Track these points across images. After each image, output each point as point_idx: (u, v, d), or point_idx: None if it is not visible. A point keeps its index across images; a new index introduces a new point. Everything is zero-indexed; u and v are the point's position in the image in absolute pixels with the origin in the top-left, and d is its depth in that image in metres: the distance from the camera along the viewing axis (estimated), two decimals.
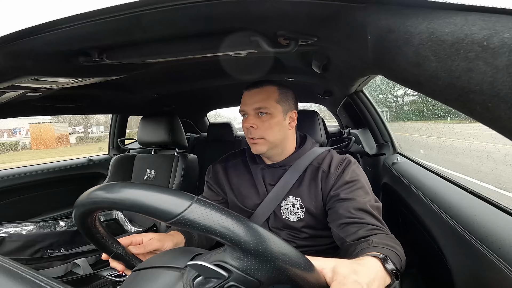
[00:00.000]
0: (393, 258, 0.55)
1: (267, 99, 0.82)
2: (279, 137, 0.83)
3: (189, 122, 2.60)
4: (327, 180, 0.80)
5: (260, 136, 0.82)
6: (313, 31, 0.59)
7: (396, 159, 1.30)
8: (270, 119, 0.81)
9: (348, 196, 0.75)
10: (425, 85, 0.33)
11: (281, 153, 0.87)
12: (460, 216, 0.70)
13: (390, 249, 0.59)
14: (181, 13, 0.49)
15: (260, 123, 0.82)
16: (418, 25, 0.30)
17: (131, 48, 0.70)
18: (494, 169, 1.47)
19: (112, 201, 0.37)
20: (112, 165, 1.71)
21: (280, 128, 0.83)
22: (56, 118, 12.53)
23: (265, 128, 0.81)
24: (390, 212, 1.30)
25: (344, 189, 0.77)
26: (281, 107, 0.83)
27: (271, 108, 0.81)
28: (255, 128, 0.82)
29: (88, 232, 0.47)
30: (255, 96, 0.83)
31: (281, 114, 0.83)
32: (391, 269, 0.50)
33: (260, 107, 0.81)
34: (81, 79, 0.87)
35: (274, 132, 0.82)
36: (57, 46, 0.62)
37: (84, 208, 0.41)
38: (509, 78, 0.21)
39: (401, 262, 0.59)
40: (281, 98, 0.83)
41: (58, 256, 0.97)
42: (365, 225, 0.68)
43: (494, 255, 0.54)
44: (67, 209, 1.80)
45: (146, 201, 0.34)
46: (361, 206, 0.72)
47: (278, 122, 0.82)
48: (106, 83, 1.05)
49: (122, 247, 0.54)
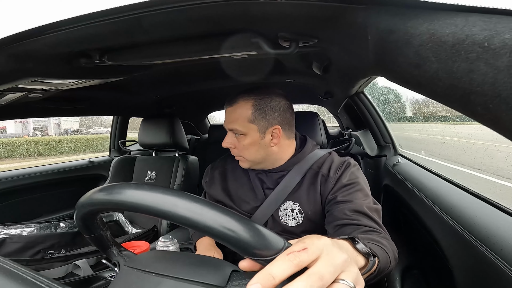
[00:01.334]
0: (374, 249, 0.53)
1: (239, 119, 0.78)
2: (258, 156, 0.80)
3: (190, 124, 2.60)
4: (326, 184, 0.79)
5: (238, 155, 0.82)
6: (314, 33, 0.59)
7: (397, 161, 1.30)
8: (244, 140, 0.78)
9: (346, 199, 0.73)
10: (426, 87, 0.33)
11: (273, 163, 0.84)
12: (462, 218, 0.70)
13: (373, 243, 0.58)
14: (182, 14, 0.50)
15: (236, 143, 0.81)
16: (418, 26, 0.30)
17: (132, 50, 0.70)
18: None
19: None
20: (113, 166, 1.71)
21: (259, 148, 0.79)
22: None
23: (241, 148, 0.80)
24: (391, 213, 1.30)
25: (342, 191, 0.75)
26: (256, 126, 0.77)
27: (243, 130, 0.77)
28: (232, 147, 0.82)
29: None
30: (229, 115, 0.80)
31: (256, 134, 0.78)
32: (363, 249, 0.45)
33: (231, 128, 0.80)
34: (82, 80, 0.87)
35: (251, 152, 0.80)
36: (58, 47, 0.62)
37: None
38: (510, 79, 0.21)
39: (387, 258, 0.57)
40: (256, 116, 0.77)
41: (58, 258, 0.97)
42: (361, 226, 0.67)
43: (496, 256, 0.54)
44: (67, 211, 1.80)
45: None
46: (358, 208, 0.70)
47: (253, 142, 0.78)
48: (107, 84, 1.05)
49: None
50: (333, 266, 0.31)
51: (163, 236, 0.83)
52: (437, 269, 0.82)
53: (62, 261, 0.96)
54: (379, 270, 0.53)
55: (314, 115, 1.31)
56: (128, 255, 0.52)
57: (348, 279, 0.31)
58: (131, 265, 0.43)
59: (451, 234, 0.71)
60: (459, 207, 0.74)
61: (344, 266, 0.32)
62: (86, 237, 0.47)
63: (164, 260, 0.43)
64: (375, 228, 0.68)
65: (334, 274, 0.31)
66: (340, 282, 0.31)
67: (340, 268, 0.32)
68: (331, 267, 0.31)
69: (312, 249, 0.31)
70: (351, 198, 0.73)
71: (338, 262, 0.32)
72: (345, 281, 0.31)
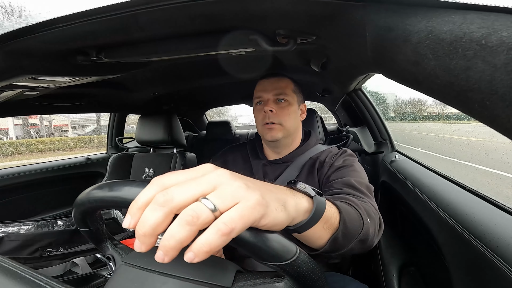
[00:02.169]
0: (339, 205, 0.51)
1: (286, 88, 0.85)
2: (294, 125, 0.86)
3: (187, 121, 2.60)
4: (322, 169, 0.82)
5: (278, 122, 0.83)
6: (312, 30, 0.59)
7: (394, 157, 1.30)
8: (288, 106, 0.84)
9: (337, 177, 0.75)
10: (424, 84, 0.33)
11: (290, 144, 0.89)
12: (458, 214, 0.70)
13: (341, 200, 0.56)
14: (180, 11, 0.49)
15: (278, 109, 0.84)
16: (417, 24, 0.30)
17: (129, 47, 0.70)
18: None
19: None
20: (110, 164, 1.71)
21: (295, 117, 0.86)
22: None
23: (283, 114, 0.83)
24: (389, 210, 1.30)
25: (335, 172, 0.78)
26: (297, 97, 0.87)
27: (289, 96, 0.85)
28: (274, 112, 0.83)
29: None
30: (275, 83, 0.86)
31: (296, 104, 0.87)
32: (301, 186, 0.40)
33: (280, 93, 0.84)
34: (79, 78, 0.86)
35: (291, 119, 0.85)
36: (55, 45, 0.62)
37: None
38: (507, 77, 0.21)
39: (358, 216, 0.54)
40: (297, 89, 0.88)
41: (56, 255, 0.97)
42: (343, 195, 0.65)
43: (492, 254, 0.54)
44: (65, 208, 1.79)
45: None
46: (345, 181, 0.71)
47: (294, 110, 0.86)
48: (104, 81, 1.04)
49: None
50: (194, 180, 0.26)
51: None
52: (434, 266, 0.83)
53: (60, 259, 0.96)
54: (346, 226, 0.49)
55: (312, 112, 1.31)
56: (124, 248, 0.51)
57: (210, 197, 0.25)
58: (131, 261, 0.41)
59: (448, 231, 0.71)
60: (456, 204, 0.75)
61: (216, 181, 0.26)
62: (80, 230, 0.46)
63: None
64: (356, 195, 0.66)
65: (192, 188, 0.25)
66: (200, 200, 0.25)
67: (206, 183, 0.26)
68: (190, 181, 0.26)
69: (185, 171, 0.28)
70: (342, 175, 0.75)
71: (205, 177, 0.26)
72: (205, 199, 0.25)
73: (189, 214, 0.24)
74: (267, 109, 0.82)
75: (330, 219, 0.46)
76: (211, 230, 0.24)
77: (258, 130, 0.88)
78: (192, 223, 0.24)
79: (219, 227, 0.24)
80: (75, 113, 1.62)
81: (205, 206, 0.24)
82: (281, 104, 0.84)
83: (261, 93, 0.86)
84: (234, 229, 0.25)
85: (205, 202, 0.25)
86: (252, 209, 0.26)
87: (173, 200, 0.24)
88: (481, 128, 0.71)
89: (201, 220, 0.24)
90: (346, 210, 0.52)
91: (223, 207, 0.25)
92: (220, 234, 0.24)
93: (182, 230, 0.24)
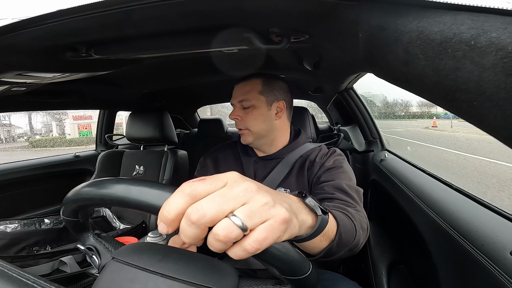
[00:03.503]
0: (337, 215, 0.54)
1: (250, 91, 0.85)
2: (263, 127, 0.85)
3: (179, 118, 2.57)
4: (312, 168, 0.83)
5: (244, 127, 0.85)
6: (305, 28, 0.59)
7: (384, 156, 1.32)
8: (252, 110, 0.84)
9: (327, 179, 0.77)
10: (414, 84, 0.33)
11: (271, 144, 0.89)
12: (445, 213, 0.71)
13: (338, 210, 0.59)
14: (173, 8, 0.49)
15: (244, 115, 0.85)
16: (408, 24, 0.30)
17: (121, 44, 0.68)
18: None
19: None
20: (99, 161, 1.68)
21: (265, 119, 0.85)
22: None
23: (248, 119, 0.84)
24: (379, 208, 1.32)
25: (325, 173, 0.79)
26: (265, 98, 0.85)
27: (253, 100, 0.84)
28: (239, 119, 0.86)
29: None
30: (240, 89, 0.87)
31: (264, 105, 0.85)
32: (310, 202, 0.41)
33: (242, 99, 0.85)
34: (68, 74, 0.84)
35: (258, 123, 0.85)
36: (43, 41, 0.60)
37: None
38: (495, 77, 0.21)
39: (352, 227, 0.58)
40: (265, 89, 0.85)
41: (44, 254, 0.95)
42: (335, 200, 0.69)
43: (478, 252, 0.55)
44: (52, 207, 1.76)
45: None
46: (337, 184, 0.73)
47: (261, 113, 0.85)
48: (94, 78, 1.02)
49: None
50: (223, 196, 0.26)
51: (152, 231, 0.82)
52: (422, 264, 0.84)
53: (47, 257, 0.95)
54: (341, 237, 0.52)
55: (303, 110, 1.32)
56: (107, 239, 0.48)
57: (239, 214, 0.26)
58: (124, 259, 0.38)
59: (435, 229, 0.72)
60: (443, 202, 0.76)
61: (245, 197, 0.27)
62: (65, 218, 0.43)
63: (165, 257, 0.38)
64: (349, 201, 0.69)
65: (222, 205, 0.26)
66: (230, 217, 0.26)
67: (235, 199, 0.26)
68: (219, 198, 0.26)
69: (212, 179, 0.27)
70: (333, 177, 0.77)
71: (234, 192, 0.27)
72: (235, 217, 0.25)
73: (221, 234, 0.25)
74: (233, 118, 0.86)
75: (328, 232, 0.49)
76: (238, 249, 0.26)
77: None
78: (224, 241, 0.25)
79: (245, 248, 0.26)
80: (64, 109, 1.58)
81: (235, 226, 0.25)
82: (246, 110, 0.85)
83: (231, 100, 0.89)
84: (259, 249, 0.26)
85: (235, 220, 0.25)
86: (277, 229, 0.27)
87: (205, 217, 0.25)
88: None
89: (231, 239, 0.25)
90: (343, 222, 0.55)
91: (252, 225, 0.26)
92: (246, 253, 0.26)
93: (216, 244, 0.26)
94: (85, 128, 12.72)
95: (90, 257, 0.47)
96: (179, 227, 0.26)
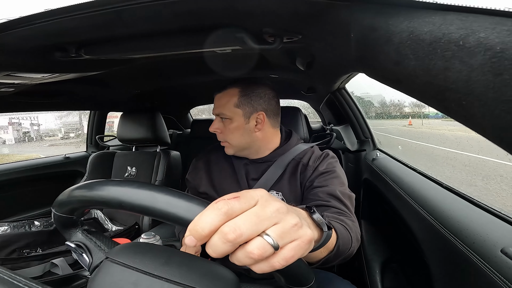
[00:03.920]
0: (335, 226, 0.56)
1: (226, 104, 0.81)
2: (242, 140, 0.83)
3: (171, 119, 2.55)
4: (305, 172, 0.83)
5: (223, 140, 0.85)
6: (298, 28, 0.59)
7: (376, 155, 1.33)
8: (230, 124, 0.82)
9: (321, 184, 0.77)
10: (405, 84, 0.33)
11: (257, 152, 0.87)
12: (436, 211, 0.72)
13: (336, 221, 0.61)
14: (165, 8, 0.48)
15: (222, 128, 0.84)
16: (399, 24, 0.31)
17: (112, 44, 0.67)
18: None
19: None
20: (90, 162, 1.66)
21: (243, 132, 0.82)
22: None
23: (226, 133, 0.83)
24: (371, 207, 1.34)
25: (318, 178, 0.79)
26: (242, 110, 0.81)
27: (228, 113, 0.81)
28: (219, 132, 0.84)
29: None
30: (218, 101, 0.84)
31: (241, 118, 0.81)
32: (318, 218, 0.43)
33: (219, 112, 0.83)
34: (57, 74, 0.83)
35: (236, 136, 0.83)
36: (32, 41, 0.59)
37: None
38: (483, 77, 0.21)
39: (349, 237, 0.60)
40: (242, 101, 0.81)
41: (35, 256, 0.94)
42: (330, 208, 0.70)
43: (469, 250, 0.55)
44: (42, 209, 1.73)
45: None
46: (331, 191, 0.74)
47: (238, 126, 0.81)
48: (84, 78, 1.01)
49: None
50: (258, 217, 0.27)
51: (145, 232, 0.82)
52: (415, 262, 0.84)
53: (39, 259, 0.93)
54: (339, 248, 0.54)
55: (296, 110, 1.33)
56: (96, 235, 0.46)
57: (272, 234, 0.27)
58: (124, 260, 0.36)
59: (427, 228, 0.73)
60: (434, 201, 0.77)
61: (277, 218, 0.28)
62: (56, 212, 0.41)
63: (168, 260, 0.37)
64: (343, 210, 0.71)
65: (258, 226, 0.27)
66: (263, 236, 0.27)
67: (268, 219, 0.27)
68: (255, 218, 0.27)
69: (245, 197, 0.28)
70: (327, 183, 0.77)
71: (267, 212, 0.28)
72: (268, 237, 0.27)
73: (256, 252, 0.26)
74: (212, 130, 0.85)
75: (328, 245, 0.50)
76: (265, 264, 0.27)
77: None
78: (257, 259, 0.27)
79: (273, 264, 0.27)
80: (53, 110, 1.55)
81: (270, 245, 0.27)
82: (224, 122, 0.83)
83: (212, 111, 0.87)
84: (285, 265, 0.28)
85: (268, 240, 0.27)
86: (303, 248, 0.29)
87: (242, 236, 0.26)
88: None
89: (264, 257, 0.27)
90: (342, 235, 0.57)
91: (282, 244, 0.27)
92: (272, 269, 0.28)
93: (246, 261, 0.27)
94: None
95: (79, 255, 0.45)
96: (208, 242, 0.27)
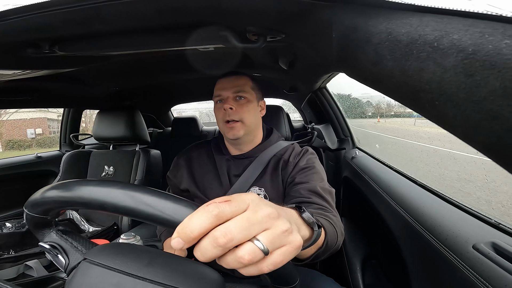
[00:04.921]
0: (322, 222, 0.57)
1: (245, 85, 0.86)
2: (254, 121, 0.86)
3: (151, 117, 2.50)
4: (286, 168, 0.85)
5: (238, 119, 0.83)
6: (281, 28, 0.60)
7: (355, 153, 1.37)
8: (247, 103, 0.85)
9: (302, 180, 0.79)
10: (382, 84, 0.34)
11: (252, 141, 0.89)
12: (411, 208, 0.74)
13: (321, 217, 0.62)
14: (146, 4, 0.47)
15: (238, 106, 0.84)
16: (378, 25, 0.31)
17: (88, 40, 0.64)
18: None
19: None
20: (64, 162, 1.58)
21: (255, 113, 0.87)
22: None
23: (243, 111, 0.84)
24: (350, 205, 1.37)
25: (299, 174, 0.82)
26: (256, 94, 0.88)
27: (248, 93, 0.85)
28: (233, 110, 0.83)
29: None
30: (234, 81, 0.86)
31: (255, 101, 0.87)
32: (308, 218, 0.44)
33: (239, 90, 0.85)
34: (29, 71, 0.79)
35: (251, 116, 0.85)
36: (3, 37, 0.55)
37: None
38: (455, 78, 0.22)
39: (335, 232, 0.62)
40: (255, 86, 0.89)
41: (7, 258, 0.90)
42: (313, 204, 0.72)
43: (442, 246, 0.57)
44: (13, 210, 1.63)
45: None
46: (312, 188, 0.76)
47: (254, 107, 0.86)
48: (59, 75, 0.97)
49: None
50: (249, 221, 0.27)
51: (125, 233, 0.80)
52: (392, 258, 0.86)
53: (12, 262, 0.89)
54: (327, 244, 0.56)
55: (278, 109, 1.34)
56: (70, 234, 0.44)
57: (262, 240, 0.27)
58: (104, 262, 0.34)
59: (403, 224, 0.75)
60: (409, 198, 0.79)
61: (268, 223, 0.28)
62: (28, 212, 0.39)
63: (151, 261, 0.35)
64: (325, 206, 0.73)
65: (249, 230, 0.27)
66: (254, 242, 0.27)
67: (259, 224, 0.27)
68: (246, 223, 0.27)
69: (236, 201, 0.28)
70: (307, 179, 0.79)
71: (258, 217, 0.28)
72: (259, 242, 0.27)
73: (246, 258, 0.26)
74: (227, 107, 0.83)
75: (318, 241, 0.50)
76: (253, 268, 0.27)
77: (220, 128, 0.88)
78: (248, 263, 0.27)
79: (261, 269, 0.27)
80: (25, 108, 1.47)
81: (259, 250, 0.27)
82: (240, 102, 0.84)
83: (221, 91, 0.85)
84: (273, 270, 0.28)
85: (259, 245, 0.27)
86: (292, 253, 0.29)
87: (233, 241, 0.26)
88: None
89: (254, 262, 0.27)
90: (329, 231, 0.58)
91: (272, 249, 0.28)
92: (260, 272, 0.28)
93: (235, 264, 0.27)
94: None
95: (54, 257, 0.42)
96: (198, 245, 0.26)
